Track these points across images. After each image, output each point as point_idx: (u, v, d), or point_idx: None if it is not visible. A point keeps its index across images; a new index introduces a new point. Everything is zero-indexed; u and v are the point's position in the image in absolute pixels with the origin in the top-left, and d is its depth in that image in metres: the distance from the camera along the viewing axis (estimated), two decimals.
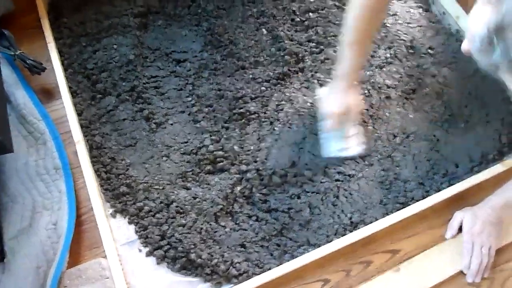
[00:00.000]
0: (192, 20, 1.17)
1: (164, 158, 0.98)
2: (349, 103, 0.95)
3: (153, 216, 0.91)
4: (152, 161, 0.97)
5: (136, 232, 0.91)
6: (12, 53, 0.98)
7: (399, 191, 0.97)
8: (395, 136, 1.04)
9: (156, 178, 0.95)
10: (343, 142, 0.99)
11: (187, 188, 0.95)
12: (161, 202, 0.92)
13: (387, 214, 0.94)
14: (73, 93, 1.03)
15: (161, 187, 0.94)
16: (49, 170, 0.94)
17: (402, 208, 0.94)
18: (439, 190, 0.96)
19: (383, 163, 1.01)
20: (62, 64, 1.05)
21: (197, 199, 0.93)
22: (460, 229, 0.93)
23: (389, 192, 0.97)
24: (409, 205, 0.94)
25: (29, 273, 0.82)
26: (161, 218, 0.91)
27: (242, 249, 0.89)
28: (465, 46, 0.59)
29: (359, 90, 1.00)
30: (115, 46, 1.09)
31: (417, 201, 0.95)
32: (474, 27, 0.55)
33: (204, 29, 1.15)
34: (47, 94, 1.04)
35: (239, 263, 0.86)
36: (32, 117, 0.97)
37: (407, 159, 1.01)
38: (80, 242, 0.90)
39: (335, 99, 0.95)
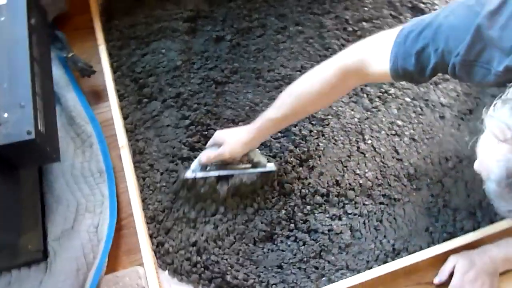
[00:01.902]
0: None
1: None
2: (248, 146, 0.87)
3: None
4: None
5: None
6: (65, 55, 1.00)
7: (448, 220, 0.92)
8: (447, 160, 0.98)
9: None
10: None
11: None
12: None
13: (433, 244, 0.89)
14: (120, 96, 1.04)
15: None
16: (93, 173, 0.95)
17: (449, 239, 0.89)
18: (492, 222, 0.90)
19: (432, 188, 0.95)
20: (111, 66, 1.07)
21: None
22: (451, 275, 0.85)
23: (437, 220, 0.92)
24: (458, 236, 0.89)
25: (69, 276, 0.83)
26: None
27: (279, 270, 0.87)
28: (477, 167, 0.54)
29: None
30: (163, 51, 1.09)
31: (467, 232, 0.89)
32: (488, 164, 0.47)
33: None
34: (96, 96, 1.06)
35: (275, 284, 0.84)
36: (81, 120, 0.99)
37: (459, 186, 0.95)
38: (119, 247, 0.91)
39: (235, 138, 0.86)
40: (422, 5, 1.15)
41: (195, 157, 0.98)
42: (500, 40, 0.57)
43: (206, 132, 1.00)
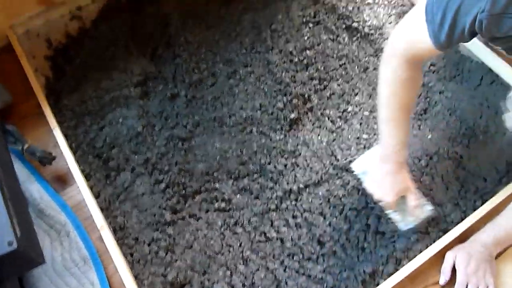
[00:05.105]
0: None
1: None
2: (401, 187, 0.88)
3: None
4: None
5: None
6: (20, 147, 0.95)
7: (438, 217, 0.95)
8: (419, 160, 1.02)
9: None
10: (410, 214, 0.91)
11: None
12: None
13: (431, 243, 0.91)
14: (87, 176, 1.00)
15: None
16: (77, 262, 0.90)
17: (443, 235, 0.91)
18: (475, 209, 0.94)
19: None
20: (70, 147, 1.03)
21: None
22: (453, 270, 0.88)
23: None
24: (449, 230, 0.92)
25: None
26: None
27: None
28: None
29: (406, 168, 0.90)
30: (120, 120, 1.07)
31: (457, 223, 0.92)
32: None
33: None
34: (61, 182, 1.01)
35: None
36: (51, 210, 0.94)
37: (437, 182, 0.99)
38: None
39: (385, 186, 0.89)
40: (355, 24, 1.22)
41: (179, 219, 0.96)
42: None
43: (184, 191, 0.99)
